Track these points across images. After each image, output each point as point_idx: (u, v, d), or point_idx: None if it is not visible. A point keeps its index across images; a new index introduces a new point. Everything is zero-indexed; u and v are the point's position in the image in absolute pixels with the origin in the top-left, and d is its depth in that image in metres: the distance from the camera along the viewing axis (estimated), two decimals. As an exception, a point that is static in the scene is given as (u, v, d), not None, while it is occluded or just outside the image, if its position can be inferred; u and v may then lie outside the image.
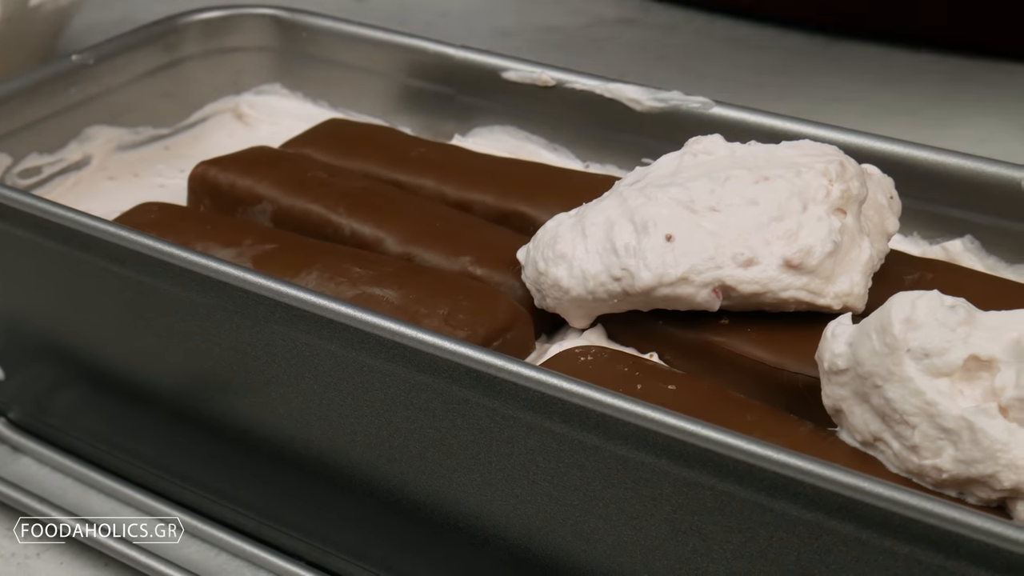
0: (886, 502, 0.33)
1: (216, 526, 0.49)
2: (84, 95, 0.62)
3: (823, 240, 0.44)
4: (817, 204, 0.44)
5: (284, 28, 0.67)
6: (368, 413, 0.42)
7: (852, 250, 0.45)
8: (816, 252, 0.43)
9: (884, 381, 0.38)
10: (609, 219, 0.46)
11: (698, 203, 0.45)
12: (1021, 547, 0.31)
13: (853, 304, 0.44)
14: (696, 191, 0.45)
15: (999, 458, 0.36)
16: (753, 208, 0.44)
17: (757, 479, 0.35)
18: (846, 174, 0.45)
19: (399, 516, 0.44)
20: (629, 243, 0.45)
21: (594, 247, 0.45)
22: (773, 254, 0.44)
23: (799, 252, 0.43)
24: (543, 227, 0.47)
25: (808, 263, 0.43)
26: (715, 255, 0.44)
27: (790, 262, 0.43)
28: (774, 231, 0.44)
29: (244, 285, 0.43)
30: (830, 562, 0.34)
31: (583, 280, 0.45)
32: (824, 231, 0.44)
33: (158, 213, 0.52)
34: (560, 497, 0.39)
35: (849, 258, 0.44)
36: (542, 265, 0.46)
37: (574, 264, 0.45)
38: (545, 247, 0.46)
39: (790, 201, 0.44)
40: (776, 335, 0.44)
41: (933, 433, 0.37)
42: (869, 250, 0.45)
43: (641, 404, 0.36)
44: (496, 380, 0.38)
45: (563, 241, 0.46)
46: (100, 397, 0.52)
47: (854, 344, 0.39)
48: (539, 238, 0.47)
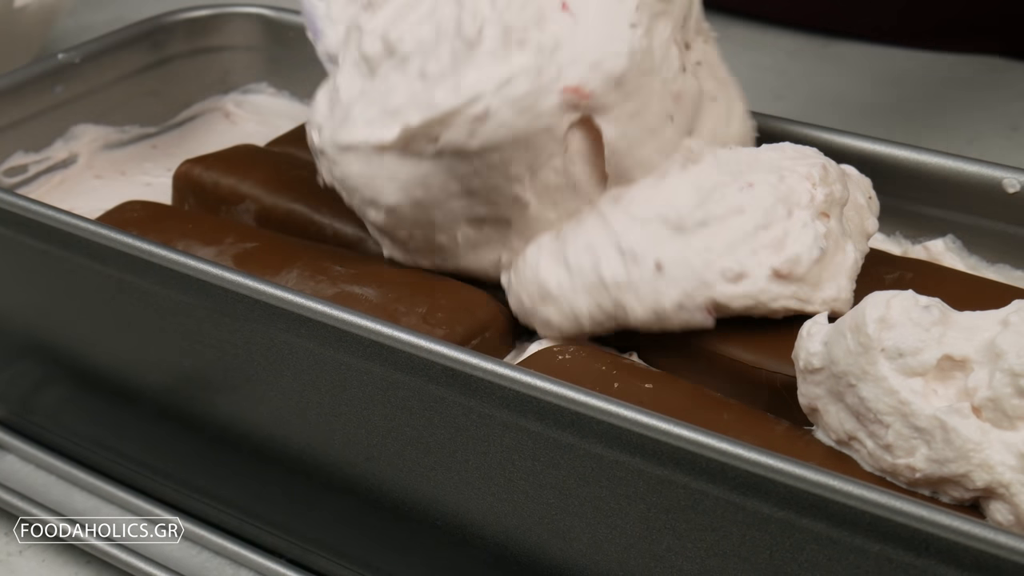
0: (856, 500, 0.33)
1: (198, 524, 0.49)
2: (70, 94, 0.62)
3: (810, 247, 0.43)
4: (802, 209, 0.44)
5: (271, 27, 0.67)
6: (346, 411, 0.42)
7: (837, 254, 0.45)
8: (804, 260, 0.43)
9: (858, 380, 0.38)
10: (593, 246, 0.45)
11: (686, 220, 0.44)
12: (989, 545, 0.32)
13: (840, 309, 0.44)
14: (682, 206, 0.44)
15: (971, 458, 0.36)
16: (740, 217, 0.44)
17: (729, 478, 0.35)
18: (828, 177, 0.45)
19: (378, 514, 0.44)
20: (618, 276, 0.44)
21: (581, 282, 0.45)
22: (761, 265, 0.43)
23: (787, 262, 0.43)
24: (523, 257, 0.47)
25: (796, 272, 0.43)
26: (705, 274, 0.43)
27: (779, 272, 0.43)
28: (761, 240, 0.44)
29: (222, 283, 0.43)
30: (802, 560, 0.35)
31: (574, 319, 0.45)
32: (810, 237, 0.44)
33: (141, 211, 0.52)
34: (536, 495, 0.39)
35: (835, 262, 0.44)
36: (528, 302, 0.46)
37: (562, 303, 0.45)
38: (528, 283, 0.46)
39: (775, 208, 0.44)
40: (755, 334, 0.44)
41: (906, 432, 0.37)
42: (853, 253, 0.45)
43: (614, 402, 0.36)
44: (471, 378, 0.38)
45: (546, 274, 0.45)
46: (83, 395, 0.52)
47: (829, 343, 0.39)
48: (520, 271, 0.47)
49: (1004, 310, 0.38)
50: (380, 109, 0.46)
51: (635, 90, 0.45)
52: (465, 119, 0.44)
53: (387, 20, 0.47)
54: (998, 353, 0.36)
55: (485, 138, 0.44)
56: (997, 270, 0.51)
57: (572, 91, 0.44)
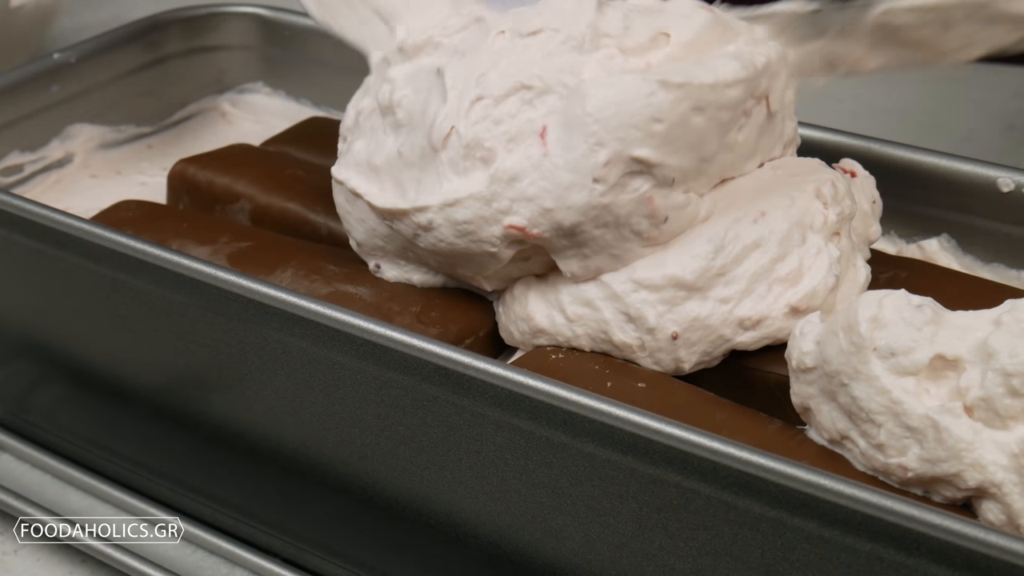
0: (847, 499, 0.33)
1: (194, 523, 0.49)
2: (66, 93, 0.62)
3: (825, 276, 0.43)
4: (814, 232, 0.43)
5: (267, 27, 0.67)
6: (340, 410, 0.42)
7: (849, 271, 0.44)
8: (820, 293, 0.43)
9: (851, 379, 0.38)
10: (594, 304, 0.43)
11: (701, 277, 0.42)
12: (979, 544, 0.32)
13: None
14: (698, 264, 0.42)
15: (963, 457, 0.36)
16: (756, 252, 0.42)
17: (721, 477, 0.35)
18: (839, 194, 0.44)
19: (372, 513, 0.44)
20: (631, 341, 0.43)
21: (583, 330, 0.44)
22: (778, 303, 0.42)
23: (804, 298, 0.42)
24: (511, 294, 0.46)
25: (814, 305, 0.43)
26: (723, 330, 0.42)
27: (796, 309, 0.42)
28: (777, 273, 0.42)
29: (216, 282, 0.43)
30: (794, 559, 0.35)
31: (573, 347, 0.45)
32: (825, 265, 0.43)
33: (136, 211, 0.52)
34: (529, 494, 0.39)
35: (847, 280, 0.44)
36: (519, 336, 0.45)
37: (559, 338, 0.44)
38: (519, 320, 0.45)
39: (790, 235, 0.43)
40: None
41: (899, 432, 0.37)
42: (864, 269, 0.45)
43: (606, 401, 0.36)
44: (464, 377, 0.38)
45: (539, 317, 0.44)
46: (79, 394, 0.52)
47: (822, 342, 0.39)
48: (509, 306, 0.46)
49: (996, 310, 0.38)
50: (367, 158, 0.46)
51: (589, 240, 0.42)
52: (411, 223, 0.44)
53: (402, 75, 0.46)
54: (990, 353, 0.36)
55: (428, 244, 0.44)
56: (992, 269, 0.51)
57: (517, 229, 0.43)
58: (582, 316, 0.44)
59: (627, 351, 0.43)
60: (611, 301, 0.43)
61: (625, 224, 0.42)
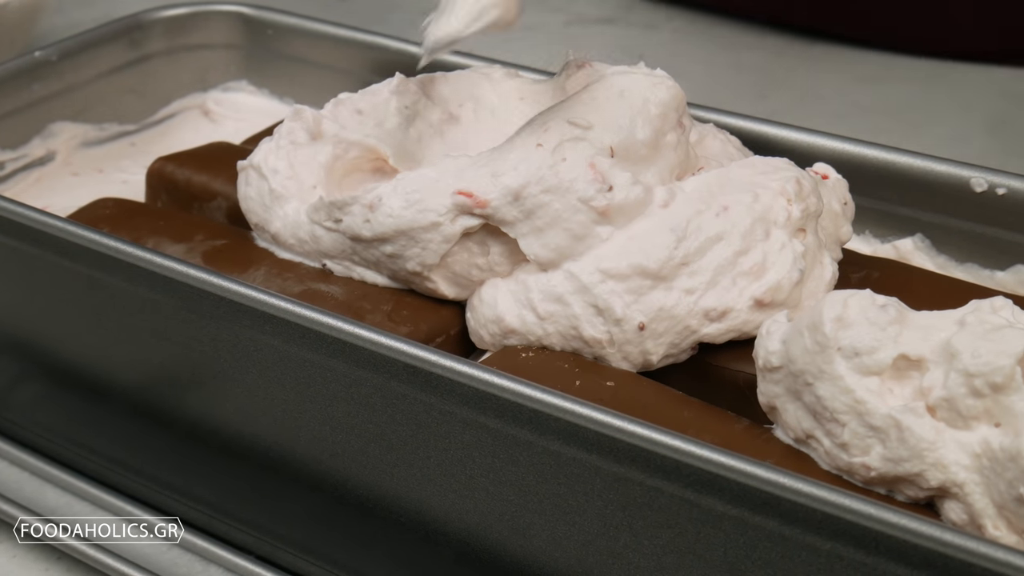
0: (805, 498, 0.33)
1: (168, 520, 0.49)
2: (48, 91, 0.62)
3: (789, 271, 0.43)
4: (779, 228, 0.44)
5: (250, 25, 0.68)
6: (311, 408, 0.42)
7: (815, 268, 0.44)
8: (784, 286, 0.43)
9: (815, 379, 0.38)
10: (563, 299, 0.44)
11: (665, 266, 0.43)
12: (936, 543, 0.32)
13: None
14: (660, 253, 0.43)
15: (925, 457, 0.36)
16: (719, 245, 0.43)
17: (683, 475, 0.35)
18: (803, 191, 0.45)
19: (344, 510, 0.44)
20: (600, 335, 0.43)
21: (555, 328, 0.44)
22: (743, 296, 0.43)
23: (769, 291, 0.43)
24: (478, 297, 0.46)
25: (778, 299, 0.43)
26: (689, 321, 0.43)
27: (761, 302, 0.43)
28: (741, 267, 0.43)
29: (188, 280, 0.43)
30: (755, 557, 0.35)
31: (544, 345, 0.45)
32: (789, 260, 0.43)
33: (113, 208, 0.52)
34: (496, 492, 0.39)
35: (813, 277, 0.44)
36: (490, 339, 0.46)
37: (530, 337, 0.45)
38: (489, 323, 0.45)
39: (753, 229, 0.43)
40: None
41: (862, 431, 0.37)
42: (831, 266, 0.45)
43: (569, 399, 0.36)
44: (431, 376, 0.38)
45: (510, 318, 0.45)
46: (55, 392, 0.52)
47: (787, 342, 0.39)
48: (477, 310, 0.46)
49: (960, 310, 0.38)
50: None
51: (538, 208, 0.44)
52: (361, 206, 0.45)
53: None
54: (953, 353, 0.37)
55: (377, 227, 0.45)
56: (965, 269, 0.51)
57: (466, 195, 0.44)
58: (553, 313, 0.44)
59: (597, 347, 0.43)
60: (580, 295, 0.43)
61: (570, 190, 0.44)
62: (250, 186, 0.49)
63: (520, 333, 0.45)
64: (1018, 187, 0.49)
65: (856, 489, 0.38)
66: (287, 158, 0.48)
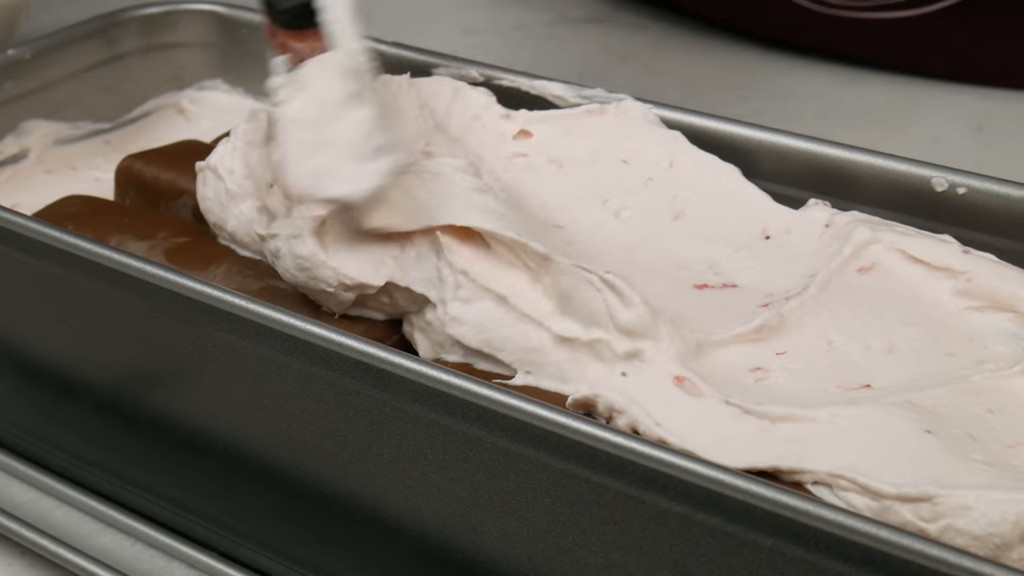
0: (746, 495, 0.33)
1: (131, 516, 0.49)
2: (21, 89, 0.62)
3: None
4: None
5: (225, 24, 0.68)
6: (267, 404, 0.42)
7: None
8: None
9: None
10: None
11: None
12: (876, 541, 0.32)
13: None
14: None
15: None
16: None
17: (628, 472, 0.35)
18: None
19: (302, 507, 0.44)
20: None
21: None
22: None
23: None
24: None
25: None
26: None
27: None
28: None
29: (147, 277, 0.43)
30: (699, 554, 0.35)
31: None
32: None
33: (80, 206, 0.53)
34: (448, 488, 0.39)
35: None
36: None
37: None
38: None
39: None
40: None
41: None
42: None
43: (518, 397, 0.36)
44: (382, 372, 0.39)
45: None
46: (21, 387, 0.52)
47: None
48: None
49: None
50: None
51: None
52: (269, 248, 0.46)
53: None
54: None
55: (281, 271, 0.46)
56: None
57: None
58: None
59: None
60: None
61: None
62: (207, 187, 0.49)
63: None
64: (978, 186, 0.49)
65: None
66: (243, 158, 0.49)
